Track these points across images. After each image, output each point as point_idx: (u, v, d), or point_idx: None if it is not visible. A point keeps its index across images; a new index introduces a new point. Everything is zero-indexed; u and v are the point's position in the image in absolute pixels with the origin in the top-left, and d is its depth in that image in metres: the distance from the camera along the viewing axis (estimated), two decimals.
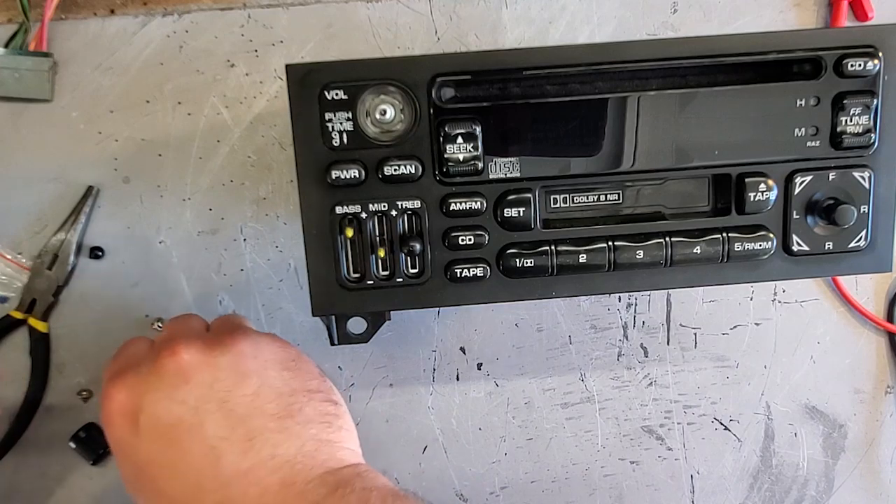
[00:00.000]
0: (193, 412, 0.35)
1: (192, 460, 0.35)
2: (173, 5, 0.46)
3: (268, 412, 0.36)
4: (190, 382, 0.35)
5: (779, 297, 0.51)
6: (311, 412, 0.37)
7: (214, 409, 0.35)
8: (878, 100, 0.35)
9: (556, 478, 0.52)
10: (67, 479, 0.49)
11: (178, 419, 0.35)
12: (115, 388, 0.36)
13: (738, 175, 0.36)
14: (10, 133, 0.46)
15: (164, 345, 0.37)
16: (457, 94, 0.35)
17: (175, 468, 0.35)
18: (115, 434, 0.36)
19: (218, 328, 0.40)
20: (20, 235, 0.47)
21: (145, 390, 0.36)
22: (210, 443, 0.34)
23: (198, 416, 0.35)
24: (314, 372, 0.39)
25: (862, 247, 0.37)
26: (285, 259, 0.48)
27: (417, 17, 0.47)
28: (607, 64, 0.35)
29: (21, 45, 0.45)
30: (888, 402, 0.53)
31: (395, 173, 0.35)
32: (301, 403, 0.37)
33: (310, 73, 0.34)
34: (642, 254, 0.36)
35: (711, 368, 0.52)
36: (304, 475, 0.34)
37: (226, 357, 0.36)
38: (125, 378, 0.36)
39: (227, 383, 0.36)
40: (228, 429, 0.35)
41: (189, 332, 0.39)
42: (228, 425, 0.35)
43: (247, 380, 0.36)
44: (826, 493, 0.54)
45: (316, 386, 0.38)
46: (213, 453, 0.34)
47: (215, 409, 0.35)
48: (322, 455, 0.36)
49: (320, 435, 0.36)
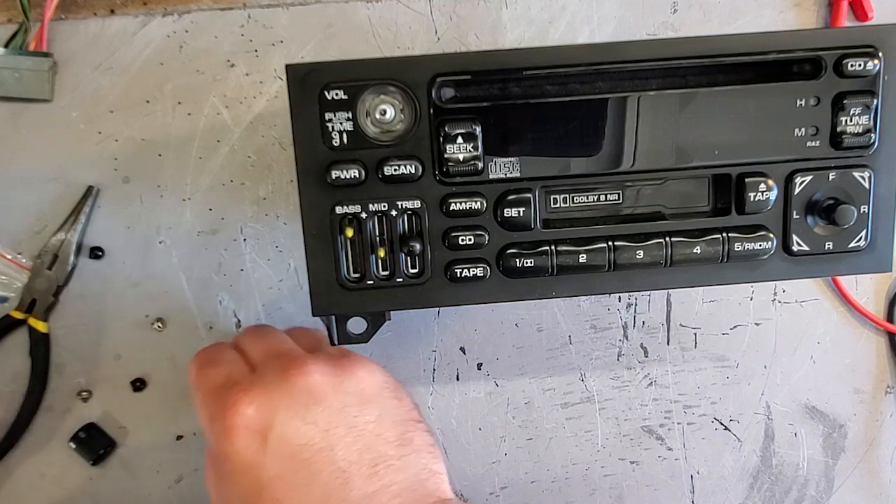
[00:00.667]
0: (324, 435, 0.35)
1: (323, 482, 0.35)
2: (173, 5, 0.46)
3: (388, 440, 0.36)
4: (321, 404, 0.35)
5: (779, 297, 0.51)
6: (420, 442, 0.37)
7: (344, 433, 0.35)
8: (878, 100, 0.35)
9: (556, 478, 0.52)
10: (67, 479, 0.49)
11: (309, 440, 0.35)
12: (240, 402, 0.35)
13: (738, 175, 0.36)
14: (10, 133, 0.46)
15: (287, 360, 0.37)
16: (457, 94, 0.35)
17: (304, 488, 0.35)
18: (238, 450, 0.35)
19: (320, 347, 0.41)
20: (20, 235, 0.47)
21: (277, 407, 0.35)
22: (340, 466, 0.35)
23: (328, 439, 0.35)
24: (411, 401, 0.40)
25: (862, 247, 0.37)
26: (285, 259, 0.48)
27: (417, 17, 0.47)
28: (607, 64, 0.35)
29: (21, 45, 0.45)
30: (888, 402, 0.53)
31: (395, 173, 0.35)
32: (412, 433, 0.37)
33: (310, 73, 0.34)
34: (642, 254, 0.36)
35: (711, 368, 0.52)
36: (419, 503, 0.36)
37: (351, 382, 0.37)
38: (247, 389, 0.36)
39: (353, 409, 0.36)
40: (357, 454, 0.35)
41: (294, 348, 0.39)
42: (357, 450, 0.35)
43: (369, 406, 0.37)
44: (826, 493, 0.54)
45: (417, 415, 0.39)
46: (342, 476, 0.35)
47: (345, 434, 0.35)
48: (432, 485, 0.37)
49: (430, 465, 0.37)
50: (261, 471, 0.35)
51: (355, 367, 0.37)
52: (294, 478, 0.35)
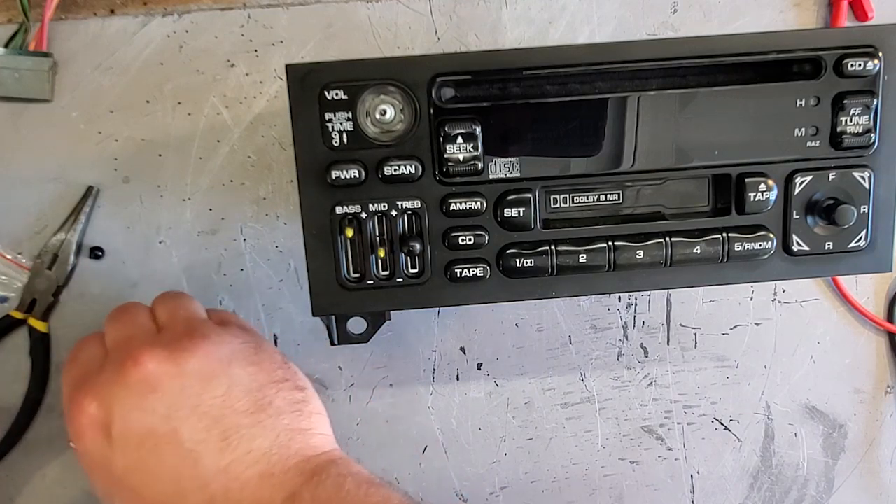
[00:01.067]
0: (166, 420, 0.35)
1: (172, 465, 0.35)
2: (173, 5, 0.46)
3: (240, 410, 0.36)
4: (158, 391, 0.36)
5: (779, 297, 0.51)
6: (281, 403, 0.37)
7: (187, 414, 0.36)
8: (878, 100, 0.35)
9: (556, 478, 0.52)
10: (67, 479, 0.49)
11: (150, 429, 0.35)
12: (83, 400, 0.36)
13: (738, 175, 0.36)
14: (10, 133, 0.46)
15: (125, 351, 0.37)
16: (457, 94, 0.35)
17: (155, 475, 0.36)
18: (88, 447, 0.36)
19: (171, 323, 0.40)
20: (20, 235, 0.47)
21: (114, 401, 0.36)
22: (187, 447, 0.35)
23: (171, 423, 0.35)
24: (278, 360, 0.39)
25: (862, 247, 0.37)
26: (285, 259, 0.48)
27: (417, 17, 0.47)
28: (607, 64, 0.35)
29: (21, 45, 0.45)
30: (888, 402, 0.53)
31: (395, 173, 0.35)
32: (270, 396, 0.37)
33: (310, 73, 0.34)
34: (642, 254, 0.36)
35: (711, 368, 0.52)
36: (280, 465, 0.36)
37: (190, 363, 0.37)
38: (90, 387, 0.36)
39: (196, 388, 0.36)
40: (204, 431, 0.36)
41: (143, 333, 0.39)
42: (203, 428, 0.36)
43: (214, 381, 0.37)
44: (826, 493, 0.54)
45: (282, 375, 0.39)
46: (191, 456, 0.35)
47: (188, 415, 0.36)
48: (296, 444, 0.37)
49: (293, 424, 0.37)
50: (112, 464, 0.36)
51: (198, 345, 0.37)
52: (143, 466, 0.35)
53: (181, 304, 0.41)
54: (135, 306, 0.41)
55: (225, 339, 0.38)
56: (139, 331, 0.39)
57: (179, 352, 0.37)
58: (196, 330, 0.38)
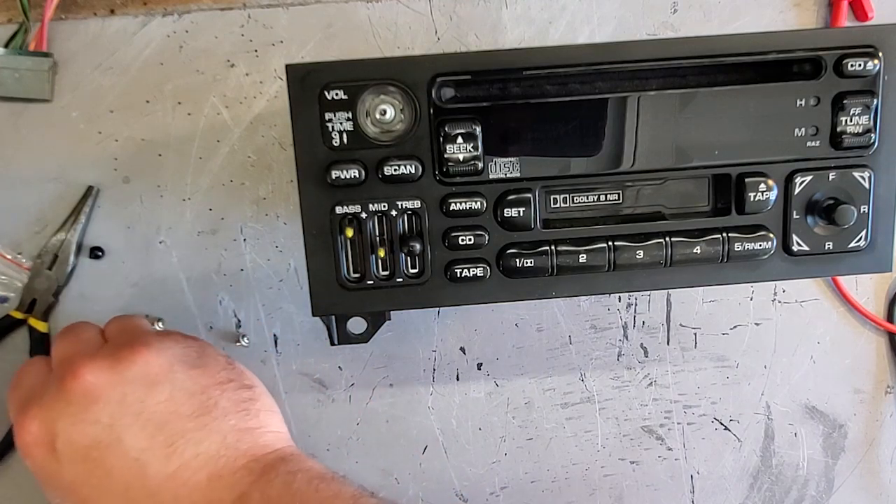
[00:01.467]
0: (109, 430, 0.35)
1: (119, 475, 0.35)
2: (173, 5, 0.46)
3: (184, 414, 0.36)
4: (99, 402, 0.36)
5: (779, 297, 0.51)
6: (226, 404, 0.37)
7: (130, 422, 0.35)
8: (878, 100, 0.35)
9: (556, 478, 0.52)
10: None
11: (94, 440, 0.35)
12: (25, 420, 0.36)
13: (738, 175, 0.36)
14: (10, 133, 0.46)
15: (66, 367, 0.37)
16: (457, 94, 0.35)
17: (103, 486, 0.35)
18: (37, 464, 0.37)
19: (115, 336, 0.40)
20: (20, 235, 0.47)
21: (56, 417, 0.36)
22: (132, 455, 0.35)
23: (114, 432, 0.35)
24: (221, 362, 0.39)
25: (862, 247, 0.37)
26: (285, 259, 0.48)
27: (417, 17, 0.47)
28: (607, 64, 0.35)
29: (21, 45, 0.45)
30: (888, 402, 0.53)
31: (395, 173, 0.35)
32: (215, 397, 0.37)
33: (310, 73, 0.34)
34: (642, 254, 0.36)
35: (711, 368, 0.52)
36: (229, 467, 0.36)
37: (132, 370, 0.36)
38: (32, 409, 0.37)
39: (138, 395, 0.36)
40: (148, 438, 0.35)
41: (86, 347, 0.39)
42: (147, 435, 0.35)
43: (157, 387, 0.36)
44: (826, 493, 0.54)
45: (226, 376, 0.39)
46: (137, 465, 0.35)
47: (131, 423, 0.35)
48: (245, 444, 0.37)
49: (240, 424, 0.37)
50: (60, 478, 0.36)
51: (138, 352, 0.37)
52: (91, 478, 0.35)
53: (128, 321, 0.42)
54: (83, 324, 0.41)
55: (166, 345, 0.38)
56: (83, 346, 0.39)
57: (119, 360, 0.37)
58: (137, 339, 0.38)
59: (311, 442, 0.50)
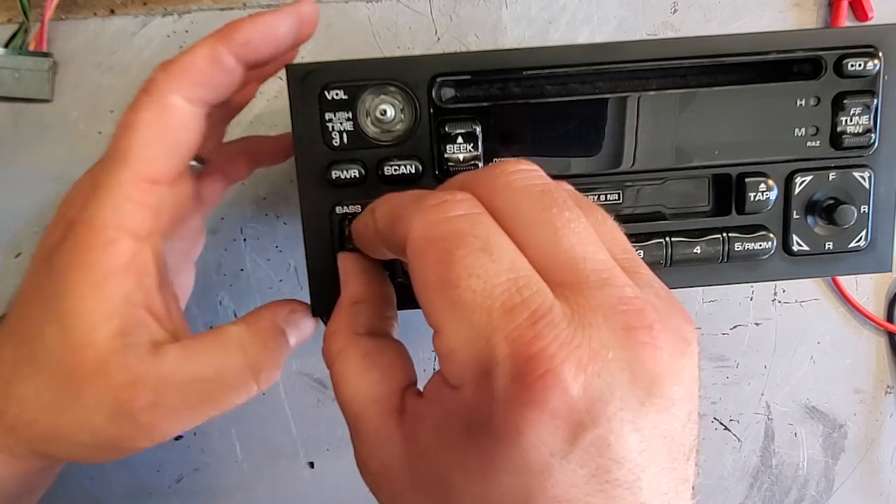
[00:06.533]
0: (641, 451, 0.22)
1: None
2: (173, 5, 0.46)
3: (686, 450, 0.24)
4: (654, 401, 0.23)
5: (779, 297, 0.51)
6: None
7: (659, 449, 0.23)
8: (878, 100, 0.35)
9: None
10: (68, 479, 0.49)
11: (624, 456, 0.22)
12: (567, 370, 0.21)
13: (738, 175, 0.36)
14: (10, 133, 0.46)
15: (637, 315, 0.23)
16: (457, 94, 0.35)
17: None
18: (531, 442, 0.22)
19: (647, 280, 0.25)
20: (20, 235, 0.47)
21: (612, 394, 0.22)
22: (640, 499, 0.22)
23: (643, 458, 0.22)
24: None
25: (862, 247, 0.37)
26: (285, 259, 0.48)
27: (417, 17, 0.47)
28: (607, 64, 0.35)
29: (21, 45, 0.45)
30: (888, 402, 0.53)
31: (396, 173, 0.35)
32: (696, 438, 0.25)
33: (310, 73, 0.34)
34: (642, 254, 0.36)
35: (711, 368, 0.52)
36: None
37: (691, 364, 0.24)
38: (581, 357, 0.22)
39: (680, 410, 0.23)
40: (657, 482, 0.23)
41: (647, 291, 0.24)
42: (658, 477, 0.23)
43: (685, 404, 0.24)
44: (826, 493, 0.54)
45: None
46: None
47: (658, 451, 0.23)
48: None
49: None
50: (542, 481, 0.22)
51: (693, 334, 0.24)
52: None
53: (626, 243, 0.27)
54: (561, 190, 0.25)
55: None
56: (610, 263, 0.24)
57: (686, 342, 0.24)
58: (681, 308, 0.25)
59: (311, 442, 0.50)
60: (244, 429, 0.50)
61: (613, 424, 0.22)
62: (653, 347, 0.22)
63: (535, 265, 0.23)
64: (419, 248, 0.24)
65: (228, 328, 0.34)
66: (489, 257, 0.23)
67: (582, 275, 0.23)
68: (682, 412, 0.23)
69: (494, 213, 0.24)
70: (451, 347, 0.23)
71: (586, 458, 0.22)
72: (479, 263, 0.23)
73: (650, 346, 0.22)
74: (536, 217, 0.24)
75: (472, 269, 0.23)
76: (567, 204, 0.25)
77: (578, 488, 0.22)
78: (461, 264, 0.23)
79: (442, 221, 0.24)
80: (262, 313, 0.36)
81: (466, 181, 0.26)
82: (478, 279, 0.22)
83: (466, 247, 0.23)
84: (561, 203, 0.24)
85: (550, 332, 0.22)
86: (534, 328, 0.22)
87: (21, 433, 0.31)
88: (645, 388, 0.22)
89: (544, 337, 0.21)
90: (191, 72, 0.31)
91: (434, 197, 0.25)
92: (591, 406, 0.21)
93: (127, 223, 0.31)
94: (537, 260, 0.23)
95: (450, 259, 0.23)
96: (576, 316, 0.22)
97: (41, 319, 0.31)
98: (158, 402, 0.31)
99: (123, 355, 0.30)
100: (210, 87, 0.32)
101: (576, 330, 0.22)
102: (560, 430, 0.21)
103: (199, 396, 0.32)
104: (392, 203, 0.28)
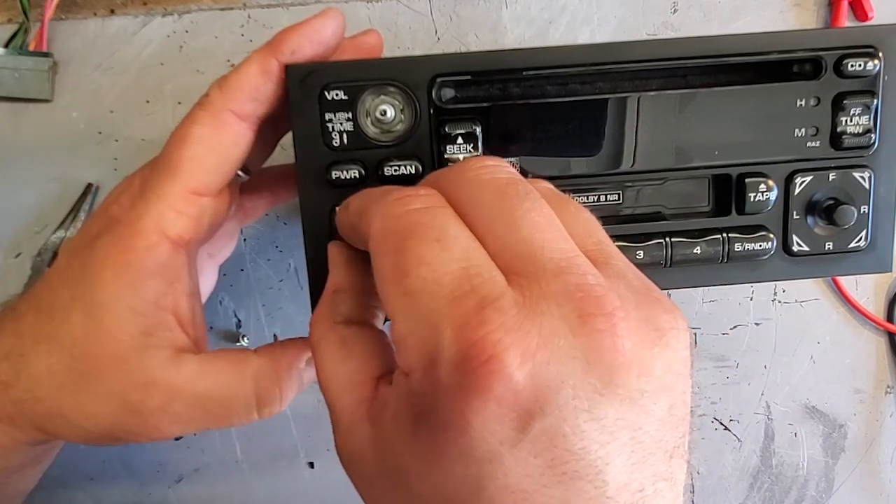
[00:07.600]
0: (603, 442, 0.21)
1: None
2: (173, 5, 0.46)
3: (665, 449, 0.23)
4: (616, 390, 0.22)
5: (779, 297, 0.51)
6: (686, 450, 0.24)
7: (626, 440, 0.22)
8: (878, 100, 0.35)
9: None
10: (68, 479, 0.49)
11: (583, 447, 0.21)
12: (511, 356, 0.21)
13: (738, 175, 0.36)
14: (10, 133, 0.46)
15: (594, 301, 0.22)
16: (457, 95, 0.35)
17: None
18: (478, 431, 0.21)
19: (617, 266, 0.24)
20: (20, 235, 0.47)
21: (562, 382, 0.21)
22: (607, 493, 0.22)
23: (605, 450, 0.21)
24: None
25: (862, 247, 0.37)
26: (285, 259, 0.48)
27: (417, 17, 0.47)
28: (607, 64, 0.35)
29: (21, 45, 0.45)
30: (888, 402, 0.53)
31: (396, 173, 0.35)
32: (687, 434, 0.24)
33: (310, 73, 0.34)
34: (642, 254, 0.36)
35: (711, 368, 0.52)
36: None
37: (664, 355, 0.23)
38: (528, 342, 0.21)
39: (648, 400, 0.22)
40: (627, 474, 0.22)
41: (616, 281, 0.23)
42: (629, 468, 0.22)
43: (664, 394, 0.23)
44: (826, 493, 0.54)
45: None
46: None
47: (625, 442, 0.22)
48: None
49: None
50: (492, 470, 0.21)
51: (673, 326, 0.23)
52: (537, 498, 0.21)
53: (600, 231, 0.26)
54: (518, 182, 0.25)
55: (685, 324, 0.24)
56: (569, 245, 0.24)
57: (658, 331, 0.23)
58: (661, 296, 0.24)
59: (311, 442, 0.50)
60: (244, 429, 0.50)
61: (566, 413, 0.21)
62: (611, 335, 0.21)
63: (493, 255, 0.23)
64: (378, 239, 0.24)
65: (250, 357, 0.35)
66: (441, 246, 0.23)
67: (539, 263, 0.23)
68: (656, 406, 0.22)
69: (458, 207, 0.24)
70: (402, 335, 0.23)
71: (539, 448, 0.21)
72: (431, 253, 0.23)
73: (608, 334, 0.21)
74: (497, 207, 0.24)
75: (422, 259, 0.23)
76: (530, 195, 0.24)
77: (533, 479, 0.21)
78: (412, 253, 0.23)
79: (402, 214, 0.24)
80: (287, 350, 0.36)
81: (435, 177, 0.27)
82: (428, 267, 0.22)
83: (419, 237, 0.23)
84: (523, 194, 0.24)
85: (498, 318, 0.21)
86: (480, 315, 0.21)
87: (26, 407, 0.32)
88: (603, 377, 0.21)
89: (490, 323, 0.21)
90: (244, 88, 0.33)
91: (398, 192, 0.25)
92: (538, 394, 0.21)
93: (168, 230, 0.32)
94: (495, 249, 0.23)
95: (402, 248, 0.23)
96: (527, 303, 0.22)
97: (68, 303, 0.32)
98: (166, 408, 0.32)
99: (144, 356, 0.31)
100: (262, 101, 0.33)
101: (525, 317, 0.21)
102: (507, 417, 0.21)
103: (202, 412, 0.33)
104: (362, 198, 0.29)
